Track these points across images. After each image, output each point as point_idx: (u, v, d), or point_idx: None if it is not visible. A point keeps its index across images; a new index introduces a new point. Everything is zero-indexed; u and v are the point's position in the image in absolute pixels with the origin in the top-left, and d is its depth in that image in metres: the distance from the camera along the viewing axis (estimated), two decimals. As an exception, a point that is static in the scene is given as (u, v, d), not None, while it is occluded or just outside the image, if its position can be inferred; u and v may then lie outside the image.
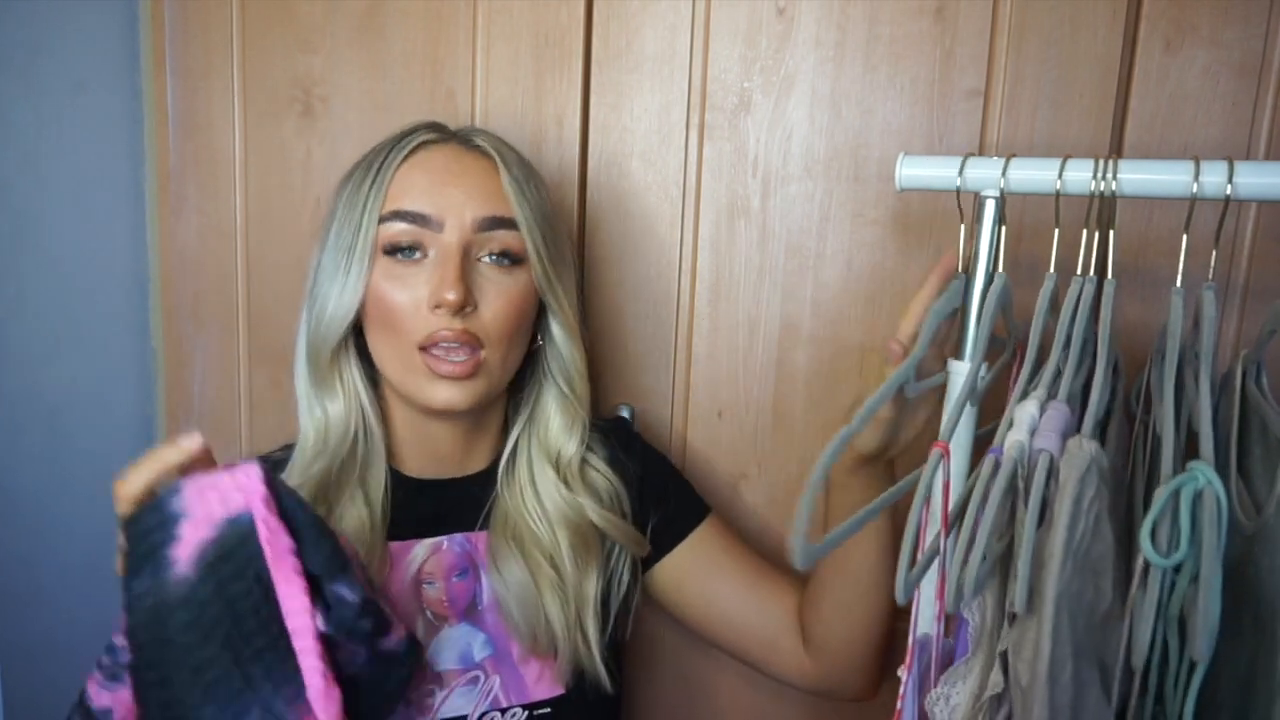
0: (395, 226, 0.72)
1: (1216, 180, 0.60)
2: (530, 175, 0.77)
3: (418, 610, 0.77)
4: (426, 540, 0.79)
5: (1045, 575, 0.47)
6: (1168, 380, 0.57)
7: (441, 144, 0.76)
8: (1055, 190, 0.64)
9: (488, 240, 0.73)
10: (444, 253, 0.72)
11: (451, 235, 0.72)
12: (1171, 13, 0.82)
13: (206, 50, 1.03)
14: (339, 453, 0.76)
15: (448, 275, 0.71)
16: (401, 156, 0.74)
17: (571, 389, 0.82)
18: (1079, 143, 0.85)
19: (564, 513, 0.79)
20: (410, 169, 0.74)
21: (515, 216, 0.74)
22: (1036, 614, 0.48)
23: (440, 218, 0.72)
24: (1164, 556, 0.47)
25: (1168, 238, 0.84)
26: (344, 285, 0.73)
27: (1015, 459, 0.51)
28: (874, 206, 0.91)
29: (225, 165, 1.05)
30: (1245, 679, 0.54)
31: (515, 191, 0.74)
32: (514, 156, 0.77)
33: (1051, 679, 0.47)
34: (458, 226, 0.72)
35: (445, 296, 0.70)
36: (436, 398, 0.73)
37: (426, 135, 0.76)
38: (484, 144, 0.77)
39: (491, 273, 0.74)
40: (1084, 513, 0.48)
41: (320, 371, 0.76)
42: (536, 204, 0.76)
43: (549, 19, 0.96)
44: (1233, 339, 0.85)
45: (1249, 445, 0.61)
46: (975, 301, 0.67)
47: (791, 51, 0.91)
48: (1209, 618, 0.44)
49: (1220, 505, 0.46)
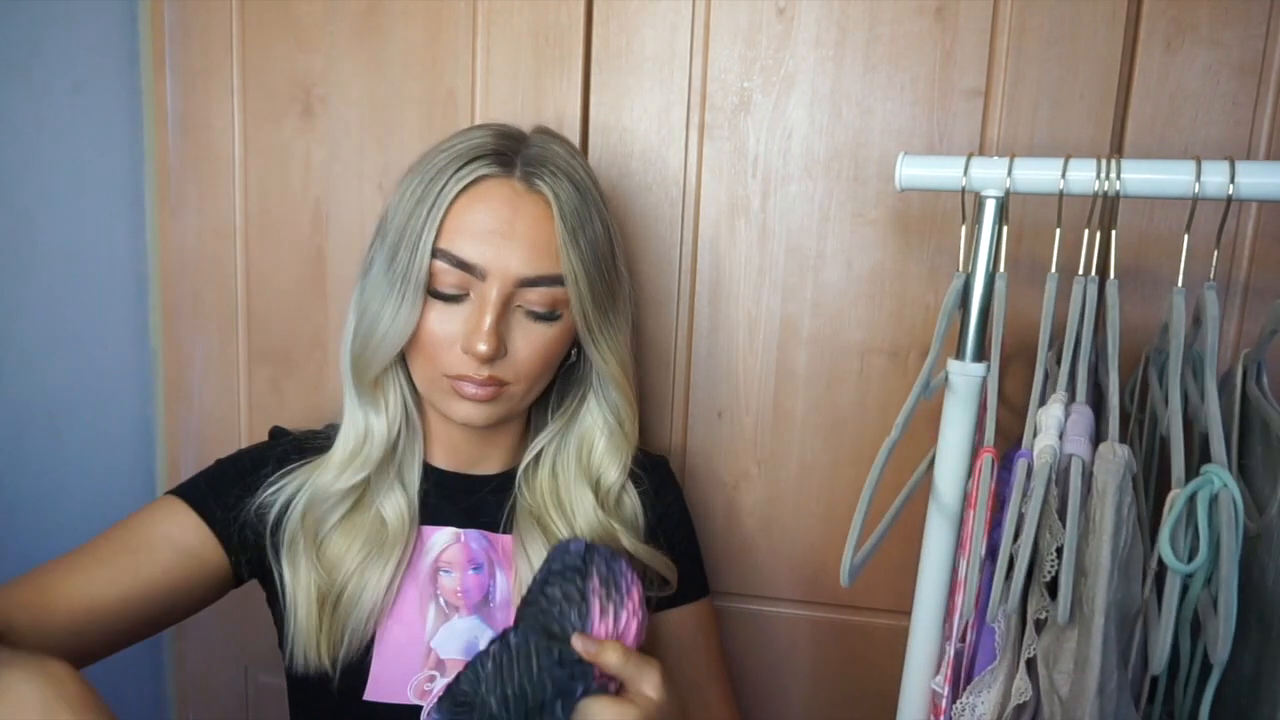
0: (442, 268, 0.71)
1: (1218, 180, 0.60)
2: (586, 219, 0.74)
3: (431, 595, 0.78)
4: (447, 529, 0.80)
5: (1093, 586, 0.47)
6: (1173, 382, 0.57)
7: (502, 179, 0.73)
8: (1058, 190, 0.64)
9: (529, 294, 0.73)
10: (483, 301, 0.72)
11: (493, 286, 0.71)
12: (1171, 13, 0.82)
13: (206, 50, 1.03)
14: (380, 459, 0.78)
15: (481, 327, 0.71)
16: (460, 188, 0.71)
17: (621, 426, 0.83)
18: (1079, 143, 0.85)
19: (598, 534, 0.80)
20: (466, 205, 0.71)
21: (563, 272, 0.73)
22: (1081, 624, 0.48)
23: (485, 269, 0.71)
24: (1182, 562, 0.46)
25: (1168, 238, 0.84)
26: (396, 313, 0.73)
27: (1049, 464, 0.51)
28: (874, 206, 0.91)
29: (225, 165, 1.05)
30: (1249, 679, 0.54)
31: (568, 243, 0.72)
32: (571, 200, 0.73)
33: (1100, 689, 0.47)
34: (500, 278, 0.71)
35: (477, 349, 0.71)
36: (457, 414, 0.75)
37: (488, 169, 0.72)
38: (543, 188, 0.73)
39: (528, 322, 0.74)
40: (1124, 520, 0.48)
41: (364, 385, 0.78)
42: (588, 252, 0.74)
43: (549, 19, 0.96)
44: (1233, 339, 0.85)
45: (1250, 445, 0.61)
46: (976, 301, 0.67)
47: (791, 51, 0.91)
48: (1228, 622, 0.44)
49: (1237, 508, 0.46)
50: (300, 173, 1.03)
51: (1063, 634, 0.49)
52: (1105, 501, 0.47)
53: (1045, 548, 0.49)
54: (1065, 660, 0.48)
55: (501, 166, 0.73)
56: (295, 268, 1.04)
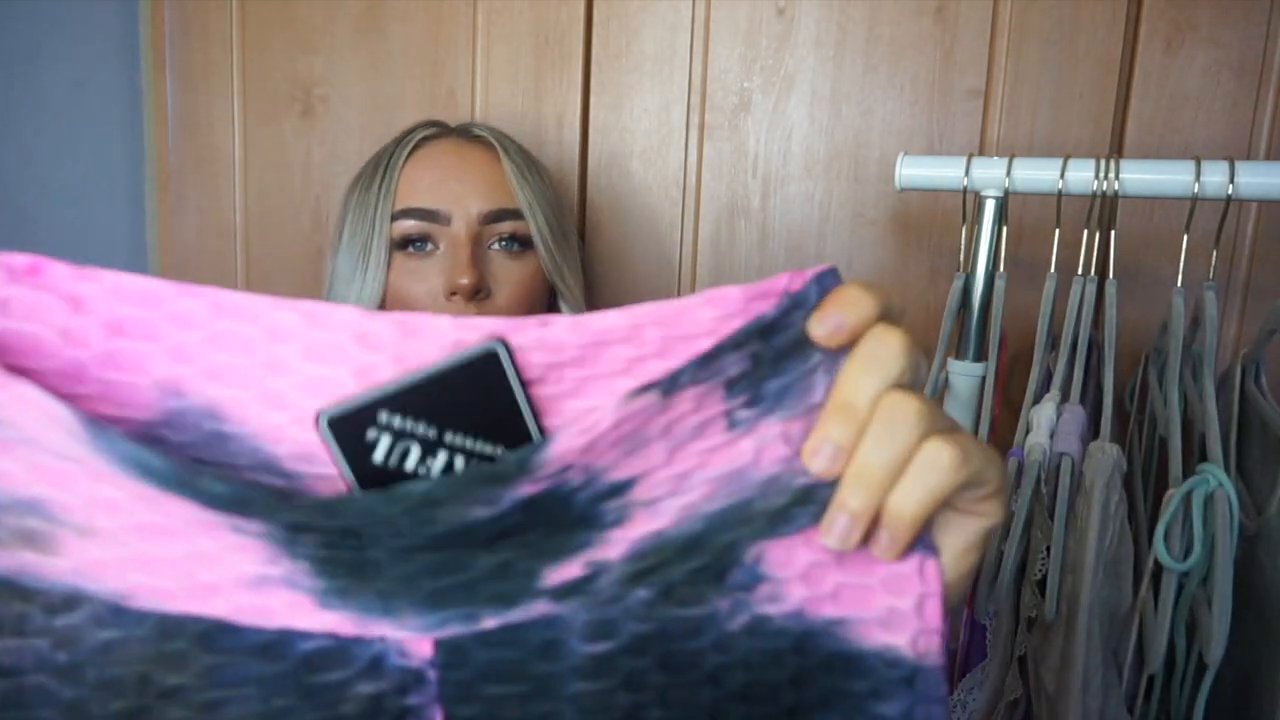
0: (405, 224, 0.74)
1: (1218, 180, 0.60)
2: (531, 162, 0.79)
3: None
4: None
5: (1077, 584, 0.47)
6: (1171, 382, 0.57)
7: (442, 138, 0.78)
8: (1058, 190, 0.64)
9: (495, 229, 0.75)
10: (454, 243, 0.74)
11: (459, 227, 0.74)
12: (1171, 13, 0.82)
13: (206, 50, 1.03)
14: None
15: (460, 262, 0.72)
16: (405, 154, 0.76)
17: None
18: (1079, 143, 0.85)
19: None
20: (415, 166, 0.76)
21: (519, 206, 0.76)
22: (1066, 622, 0.48)
23: (447, 211, 0.73)
24: (1176, 560, 0.47)
25: (1168, 238, 0.84)
26: (362, 285, 0.75)
27: (1038, 462, 0.51)
28: (874, 206, 0.91)
29: (225, 165, 1.05)
30: (1247, 678, 0.54)
31: (517, 179, 0.76)
32: (514, 145, 0.79)
33: (1084, 687, 0.47)
34: (464, 218, 0.74)
35: (459, 282, 0.71)
36: None
37: (427, 131, 0.78)
38: (484, 134, 0.79)
39: (502, 259, 0.76)
40: (1111, 518, 0.48)
41: None
42: (539, 189, 0.77)
43: (549, 19, 0.96)
44: (1232, 339, 0.85)
45: (1248, 445, 0.61)
46: (976, 302, 0.67)
47: (791, 51, 0.91)
48: (1223, 621, 0.44)
49: (1232, 507, 0.46)
50: (300, 172, 1.03)
51: (1050, 631, 0.49)
52: (1092, 500, 0.47)
53: (1036, 546, 0.50)
54: (1052, 657, 0.49)
55: (440, 129, 0.80)
56: (295, 267, 1.04)
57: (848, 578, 0.33)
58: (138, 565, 0.30)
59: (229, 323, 0.29)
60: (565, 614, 0.32)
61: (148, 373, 0.29)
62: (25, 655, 0.30)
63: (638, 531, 0.32)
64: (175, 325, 0.29)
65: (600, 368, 0.31)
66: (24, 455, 0.29)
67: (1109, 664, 0.49)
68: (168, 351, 0.29)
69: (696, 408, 0.31)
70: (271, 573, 0.30)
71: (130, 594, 0.30)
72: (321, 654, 0.31)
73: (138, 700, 0.30)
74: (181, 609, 0.30)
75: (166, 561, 0.30)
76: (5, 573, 0.30)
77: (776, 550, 0.33)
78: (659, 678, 0.33)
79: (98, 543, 0.30)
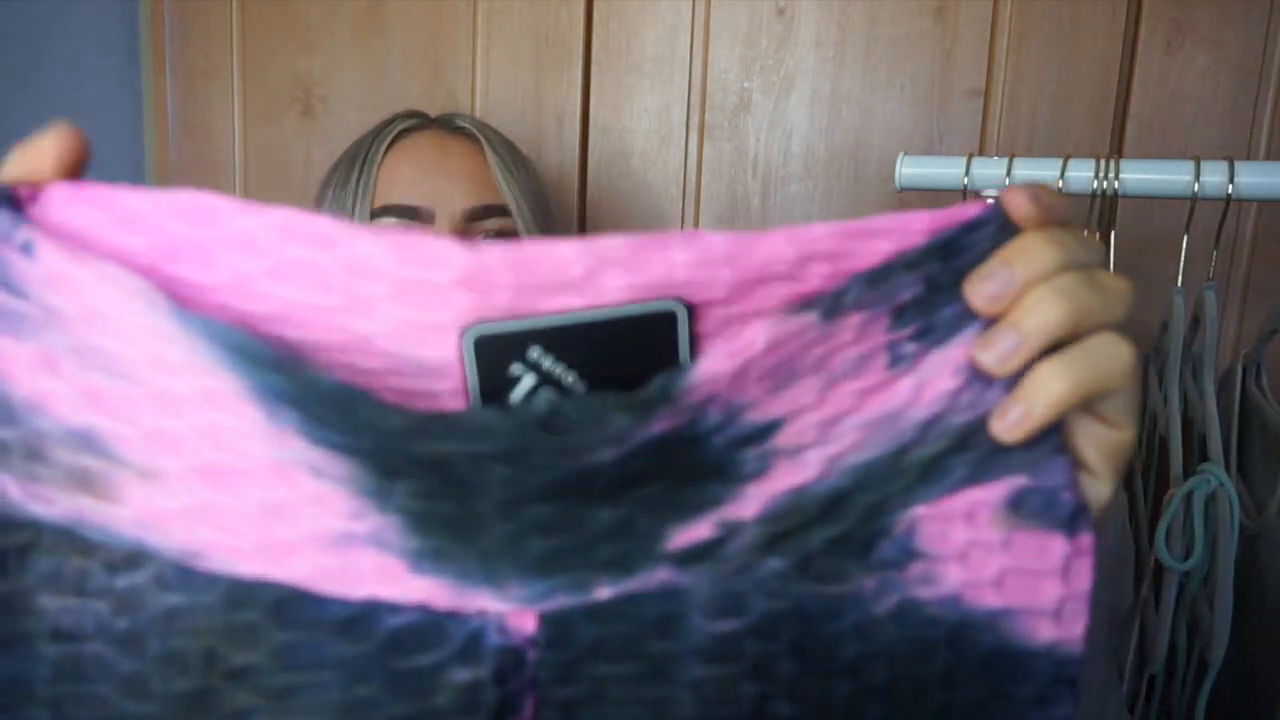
0: (385, 222, 0.70)
1: (1217, 180, 0.60)
2: (516, 155, 0.75)
3: None
4: None
5: None
6: (1171, 382, 0.57)
7: (423, 130, 0.74)
8: (1058, 190, 0.64)
9: (481, 226, 0.71)
10: None
11: (443, 225, 0.70)
12: (1171, 13, 0.82)
13: (206, 50, 1.03)
14: None
15: None
16: (384, 148, 0.72)
17: None
18: (1079, 143, 0.85)
19: None
20: (395, 160, 0.71)
21: (505, 201, 0.72)
22: None
23: (430, 208, 0.69)
24: (1177, 560, 0.47)
25: (1168, 237, 0.84)
26: None
27: None
28: (874, 206, 0.91)
29: (225, 165, 1.05)
30: (1247, 678, 0.54)
31: (503, 174, 0.72)
32: (498, 136, 0.75)
33: (1084, 687, 0.47)
34: (448, 216, 0.69)
35: None
36: None
37: (406, 123, 0.74)
38: (466, 125, 0.75)
39: None
40: (1112, 516, 0.48)
41: None
42: (525, 184, 0.74)
43: (549, 19, 0.96)
44: (1233, 339, 0.85)
45: (1249, 445, 0.61)
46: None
47: (791, 51, 0.91)
48: (1224, 621, 0.44)
49: (1233, 507, 0.46)
50: (300, 173, 1.03)
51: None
52: None
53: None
54: None
55: (419, 120, 0.75)
56: (295, 268, 1.04)
57: (1014, 561, 0.28)
58: (206, 517, 0.26)
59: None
60: (688, 584, 0.28)
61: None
62: (85, 618, 0.26)
63: (777, 486, 0.27)
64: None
65: (751, 305, 0.27)
66: (73, 373, 0.25)
67: (1110, 664, 0.49)
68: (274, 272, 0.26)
69: (857, 338, 0.27)
70: (357, 529, 0.26)
71: (198, 552, 0.26)
72: (411, 631, 0.27)
73: (202, 680, 0.26)
74: (254, 572, 0.26)
75: (238, 514, 0.26)
76: (64, 520, 0.26)
77: (931, 522, 0.28)
78: (790, 666, 0.28)
79: (162, 489, 0.26)
